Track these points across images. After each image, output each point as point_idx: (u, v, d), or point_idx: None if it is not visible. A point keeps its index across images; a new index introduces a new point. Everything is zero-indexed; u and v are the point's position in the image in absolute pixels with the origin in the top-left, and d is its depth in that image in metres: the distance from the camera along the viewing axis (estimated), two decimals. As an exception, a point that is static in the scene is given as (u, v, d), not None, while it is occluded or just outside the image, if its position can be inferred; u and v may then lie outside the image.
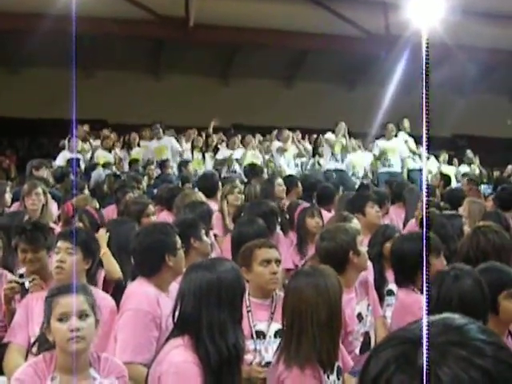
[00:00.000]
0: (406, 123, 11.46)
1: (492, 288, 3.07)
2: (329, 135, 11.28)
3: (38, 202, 5.80)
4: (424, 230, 1.21)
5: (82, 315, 2.73)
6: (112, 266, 4.29)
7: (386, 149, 11.20)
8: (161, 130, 11.61)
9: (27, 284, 3.74)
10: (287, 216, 6.11)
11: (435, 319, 1.15)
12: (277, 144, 11.57)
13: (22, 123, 15.46)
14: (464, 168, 12.34)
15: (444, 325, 1.13)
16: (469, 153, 12.59)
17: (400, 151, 11.31)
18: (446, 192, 7.88)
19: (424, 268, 1.21)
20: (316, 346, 2.81)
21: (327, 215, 6.04)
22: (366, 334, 3.87)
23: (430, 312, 2.72)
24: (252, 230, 4.55)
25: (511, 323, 3.20)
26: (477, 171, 12.27)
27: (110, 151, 11.30)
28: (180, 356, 2.65)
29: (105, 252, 4.27)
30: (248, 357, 3.23)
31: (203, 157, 11.85)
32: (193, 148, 11.87)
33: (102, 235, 4.45)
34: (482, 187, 10.02)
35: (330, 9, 14.31)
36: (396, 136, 11.44)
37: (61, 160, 10.31)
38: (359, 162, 11.54)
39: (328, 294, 2.88)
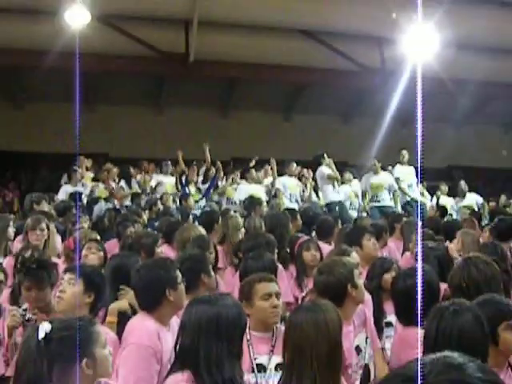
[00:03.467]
0: (405, 154, 11.26)
1: (491, 320, 3.07)
2: (325, 169, 11.18)
3: (41, 238, 5.81)
4: (419, 263, 1.23)
5: None
6: None
7: (372, 185, 11.16)
8: (170, 167, 11.86)
9: (29, 316, 3.73)
10: (288, 249, 6.10)
11: (435, 357, 1.16)
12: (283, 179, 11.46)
13: (25, 157, 15.53)
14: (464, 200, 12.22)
15: (444, 363, 1.14)
16: (462, 184, 12.45)
17: (389, 186, 11.22)
18: (442, 224, 7.86)
19: (419, 303, 1.23)
20: (317, 383, 2.78)
21: (327, 248, 6.03)
22: (366, 367, 3.85)
23: (428, 346, 2.70)
24: (258, 264, 4.54)
25: (511, 355, 3.19)
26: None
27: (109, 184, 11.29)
28: None
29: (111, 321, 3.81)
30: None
31: (198, 189, 11.83)
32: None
33: None
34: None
35: (327, 44, 14.43)
36: (384, 170, 11.41)
37: (62, 194, 10.32)
38: (356, 193, 11.53)
39: (328, 330, 2.84)
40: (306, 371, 2.78)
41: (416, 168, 10.79)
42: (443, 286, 4.03)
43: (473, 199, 11.78)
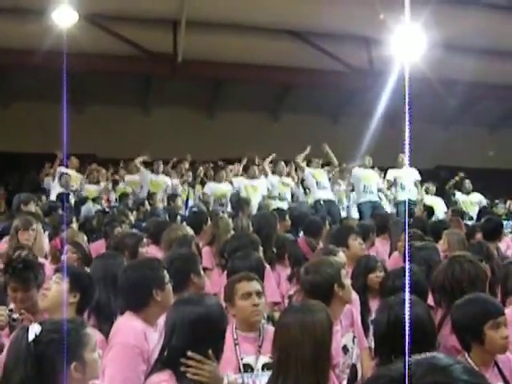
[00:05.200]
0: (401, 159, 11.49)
1: (477, 318, 3.09)
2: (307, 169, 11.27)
3: (32, 239, 5.77)
4: (406, 263, 1.22)
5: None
6: None
7: (363, 176, 11.26)
8: (161, 166, 11.76)
9: (15, 316, 3.70)
10: (274, 249, 6.08)
11: (420, 358, 1.15)
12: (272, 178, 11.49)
13: (12, 157, 15.44)
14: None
15: (429, 364, 1.12)
16: (467, 182, 12.59)
17: (377, 182, 11.41)
18: (429, 224, 7.87)
19: (407, 304, 1.22)
20: None
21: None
22: (353, 367, 3.85)
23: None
24: (246, 264, 4.50)
25: (497, 353, 3.21)
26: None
27: (97, 185, 11.26)
28: None
29: None
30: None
31: (193, 189, 11.84)
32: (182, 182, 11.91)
33: None
34: None
35: (314, 44, 14.47)
36: (372, 168, 11.56)
37: (53, 195, 10.28)
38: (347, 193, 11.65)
39: (314, 332, 2.80)
40: (290, 372, 2.75)
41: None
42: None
43: (476, 197, 12.13)
